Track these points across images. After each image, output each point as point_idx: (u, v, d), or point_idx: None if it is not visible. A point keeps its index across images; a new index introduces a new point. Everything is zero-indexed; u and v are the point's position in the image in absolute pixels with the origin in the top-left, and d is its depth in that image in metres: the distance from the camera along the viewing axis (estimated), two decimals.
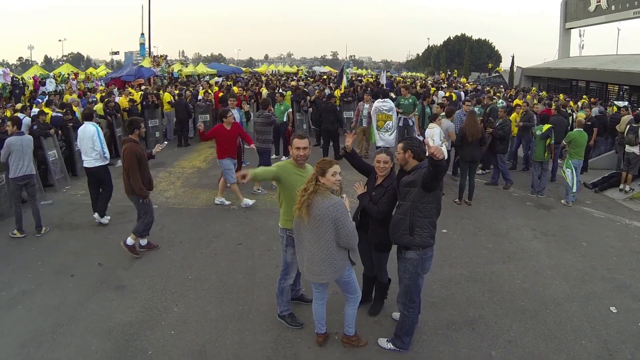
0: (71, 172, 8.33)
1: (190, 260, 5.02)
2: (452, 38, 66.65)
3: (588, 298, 4.42)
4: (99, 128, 6.29)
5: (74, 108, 9.24)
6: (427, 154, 3.02)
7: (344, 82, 13.65)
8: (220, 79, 20.26)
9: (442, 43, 68.11)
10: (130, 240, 5.13)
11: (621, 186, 8.31)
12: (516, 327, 3.87)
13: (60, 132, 8.20)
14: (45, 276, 4.64)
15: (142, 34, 25.94)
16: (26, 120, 7.83)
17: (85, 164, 6.10)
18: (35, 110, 9.12)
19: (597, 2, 25.10)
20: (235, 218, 6.35)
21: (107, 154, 6.20)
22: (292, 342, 3.61)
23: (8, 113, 7.14)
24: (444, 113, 7.98)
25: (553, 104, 11.83)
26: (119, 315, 3.95)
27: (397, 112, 9.37)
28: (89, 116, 6.31)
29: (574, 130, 7.43)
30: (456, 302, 4.25)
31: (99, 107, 9.82)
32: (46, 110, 8.83)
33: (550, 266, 5.10)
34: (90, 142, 5.95)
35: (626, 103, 12.60)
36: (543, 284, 4.67)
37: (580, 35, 33.95)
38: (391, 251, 3.74)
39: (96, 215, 6.16)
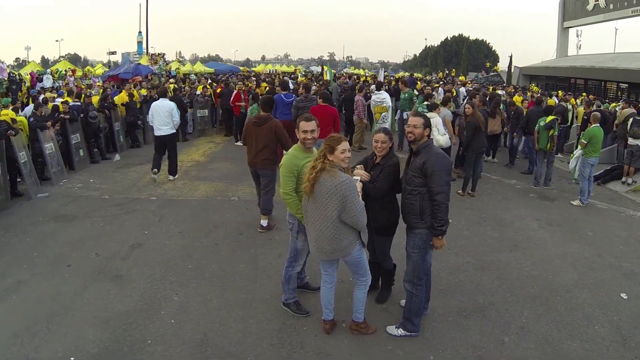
0: (68, 165, 8.15)
1: (190, 250, 4.89)
2: (449, 38, 66.56)
3: (598, 285, 4.33)
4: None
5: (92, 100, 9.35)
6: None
7: (328, 77, 14.70)
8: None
9: (439, 43, 68.04)
10: (264, 222, 5.33)
11: (623, 179, 8.26)
12: (527, 313, 3.78)
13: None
14: (40, 267, 4.50)
15: (140, 32, 25.65)
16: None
17: (159, 133, 7.25)
18: (58, 100, 9.15)
19: (596, 1, 25.15)
20: (235, 209, 6.23)
21: (178, 123, 7.53)
22: (298, 330, 3.49)
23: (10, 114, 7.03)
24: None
25: (529, 93, 11.83)
26: (116, 305, 3.82)
27: (396, 107, 9.34)
28: (164, 93, 7.55)
29: (593, 126, 6.90)
30: (465, 289, 4.15)
31: (94, 100, 9.72)
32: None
33: (558, 255, 5.01)
34: (169, 114, 7.16)
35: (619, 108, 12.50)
36: (552, 271, 4.58)
37: (577, 36, 34.01)
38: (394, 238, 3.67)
39: (170, 176, 7.50)
